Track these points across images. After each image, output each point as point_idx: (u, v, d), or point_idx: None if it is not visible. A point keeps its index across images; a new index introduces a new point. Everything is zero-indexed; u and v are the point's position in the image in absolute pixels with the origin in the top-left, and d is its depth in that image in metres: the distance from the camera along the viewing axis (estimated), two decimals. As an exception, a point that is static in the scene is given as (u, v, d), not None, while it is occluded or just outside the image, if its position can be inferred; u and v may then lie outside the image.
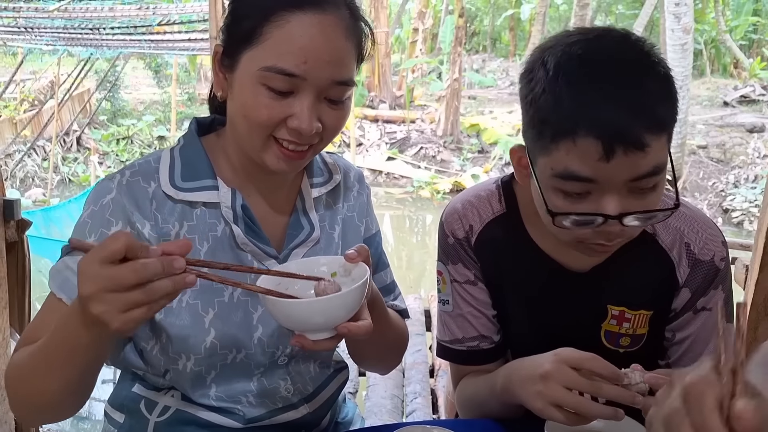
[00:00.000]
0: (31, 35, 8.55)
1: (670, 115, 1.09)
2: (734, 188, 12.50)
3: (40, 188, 13.06)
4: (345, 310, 1.05)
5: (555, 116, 1.08)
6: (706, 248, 1.31)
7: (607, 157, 1.05)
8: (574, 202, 1.13)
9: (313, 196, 1.35)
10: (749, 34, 24.92)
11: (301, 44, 1.09)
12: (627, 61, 1.08)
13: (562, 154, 1.08)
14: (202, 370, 1.23)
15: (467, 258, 1.41)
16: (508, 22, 27.76)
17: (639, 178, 1.08)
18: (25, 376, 1.07)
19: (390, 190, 14.27)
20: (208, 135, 1.31)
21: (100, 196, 1.19)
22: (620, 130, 1.04)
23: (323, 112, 1.15)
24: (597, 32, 1.13)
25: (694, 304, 1.33)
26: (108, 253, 0.86)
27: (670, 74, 1.11)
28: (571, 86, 1.06)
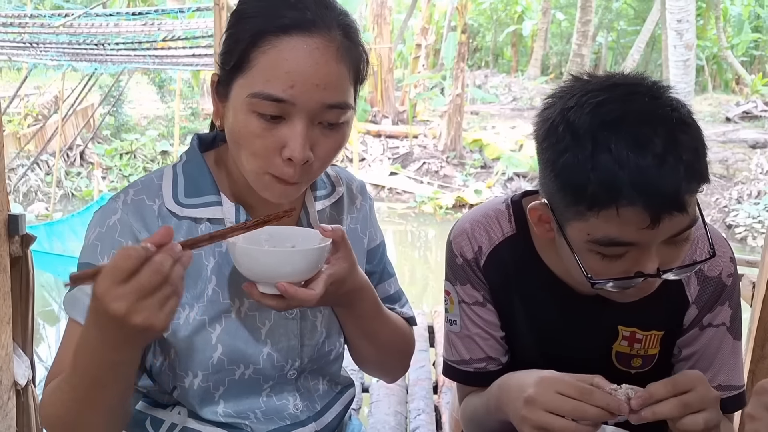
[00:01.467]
0: (36, 50, 8.58)
1: (706, 167, 1.08)
2: (737, 204, 12.51)
3: (42, 203, 13.09)
4: (291, 267, 1.08)
5: (594, 186, 1.04)
6: (715, 264, 1.30)
7: (654, 224, 1.04)
8: (610, 261, 1.11)
9: (317, 209, 1.34)
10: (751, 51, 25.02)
11: (287, 68, 1.07)
12: (662, 119, 1.05)
13: (602, 222, 1.06)
14: (210, 386, 1.22)
15: (476, 279, 1.40)
16: (510, 38, 27.88)
17: (677, 234, 1.08)
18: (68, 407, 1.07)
19: (392, 206, 14.28)
20: (210, 151, 1.31)
21: (106, 217, 1.19)
22: (667, 197, 1.02)
23: (316, 140, 1.13)
24: (623, 89, 1.09)
25: (701, 321, 1.32)
26: (125, 274, 0.90)
27: (696, 121, 1.09)
28: (609, 154, 1.02)
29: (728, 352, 1.33)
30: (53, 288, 8.26)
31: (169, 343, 1.20)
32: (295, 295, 1.08)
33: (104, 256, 1.16)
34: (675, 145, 1.02)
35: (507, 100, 22.12)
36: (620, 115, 1.04)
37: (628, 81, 1.12)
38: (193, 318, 1.20)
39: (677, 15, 11.82)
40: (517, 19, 27.07)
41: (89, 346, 0.99)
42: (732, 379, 1.33)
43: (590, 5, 16.10)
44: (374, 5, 17.75)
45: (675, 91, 1.11)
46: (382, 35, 17.69)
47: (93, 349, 0.98)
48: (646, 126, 1.03)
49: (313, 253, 1.10)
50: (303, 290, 1.09)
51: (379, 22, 17.71)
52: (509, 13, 27.58)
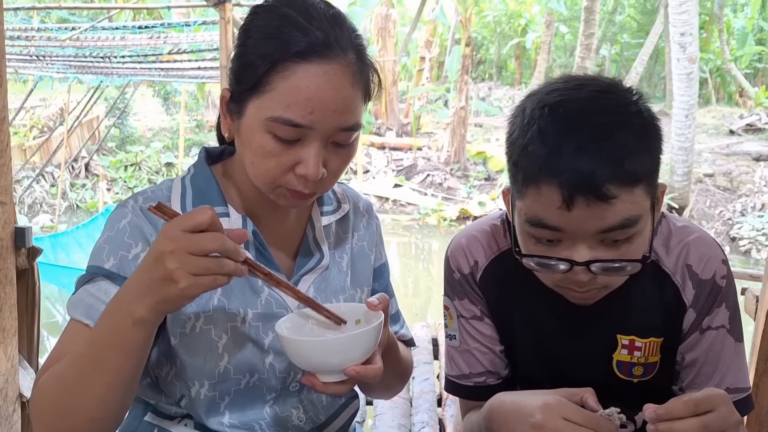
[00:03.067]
0: (43, 63, 8.62)
1: (643, 167, 1.10)
2: (741, 216, 12.49)
3: (47, 214, 13.14)
4: (356, 352, 1.07)
5: (525, 162, 1.12)
6: (708, 267, 1.29)
7: (568, 206, 1.07)
8: (544, 247, 1.16)
9: (323, 224, 1.36)
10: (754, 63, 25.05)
11: (307, 95, 1.09)
12: (600, 111, 1.09)
13: (531, 200, 1.12)
14: (216, 396, 1.23)
15: (473, 294, 1.41)
16: (513, 51, 27.97)
17: (608, 230, 1.10)
18: (68, 387, 1.05)
19: (396, 217, 14.30)
20: (217, 164, 1.32)
21: (116, 222, 1.20)
22: (581, 179, 1.05)
23: (328, 158, 1.16)
24: (580, 81, 1.16)
25: (700, 324, 1.31)
26: (194, 223, 0.95)
27: (653, 125, 1.13)
28: (540, 134, 1.10)
29: (732, 354, 1.31)
30: (57, 299, 8.26)
31: (176, 351, 1.21)
32: (365, 376, 1.08)
33: (110, 257, 1.17)
34: (604, 135, 1.07)
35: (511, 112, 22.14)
36: (562, 101, 1.11)
37: (589, 78, 1.18)
38: (199, 328, 1.20)
39: (680, 28, 11.85)
40: (520, 31, 27.17)
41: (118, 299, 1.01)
42: (738, 381, 1.31)
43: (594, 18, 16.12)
44: (378, 19, 17.83)
45: (645, 99, 1.15)
46: (386, 48, 17.76)
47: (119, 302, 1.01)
48: (582, 114, 1.09)
49: (375, 330, 1.09)
50: (370, 368, 1.09)
51: (383, 35, 17.79)
52: (513, 26, 27.69)
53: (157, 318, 1.01)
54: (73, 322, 1.15)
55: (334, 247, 1.38)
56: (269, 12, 1.15)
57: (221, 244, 0.96)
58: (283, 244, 1.32)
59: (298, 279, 1.30)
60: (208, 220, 0.95)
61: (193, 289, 0.95)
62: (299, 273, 1.30)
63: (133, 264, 1.16)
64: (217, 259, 0.96)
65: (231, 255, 0.97)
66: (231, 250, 0.97)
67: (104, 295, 1.13)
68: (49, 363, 1.12)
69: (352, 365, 1.07)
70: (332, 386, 1.09)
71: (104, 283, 1.15)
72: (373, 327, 1.08)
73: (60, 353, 1.12)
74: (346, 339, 1.07)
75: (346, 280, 1.37)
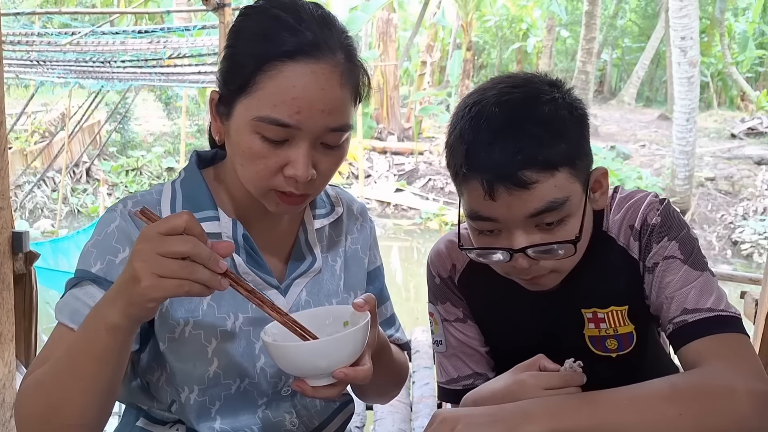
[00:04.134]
0: (43, 68, 8.64)
1: (558, 152, 1.14)
2: (743, 220, 12.49)
3: (49, 219, 13.15)
4: (344, 354, 1.06)
5: (452, 161, 1.21)
6: (641, 216, 1.29)
7: (491, 195, 1.13)
8: (487, 238, 1.22)
9: (316, 227, 1.35)
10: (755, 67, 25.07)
11: (294, 95, 1.08)
12: (514, 105, 1.15)
13: (466, 195, 1.20)
14: (206, 401, 1.22)
15: (454, 296, 1.43)
16: (515, 55, 27.97)
17: (536, 214, 1.15)
18: (46, 392, 1.05)
19: (398, 222, 14.30)
20: (208, 168, 1.31)
21: (104, 226, 1.19)
22: (496, 170, 1.12)
23: (318, 159, 1.15)
24: (498, 80, 1.23)
25: (647, 266, 1.28)
26: (169, 226, 0.94)
27: (567, 112, 1.17)
28: (461, 133, 1.18)
29: (685, 280, 1.22)
30: (58, 304, 8.24)
31: (166, 356, 1.20)
32: (355, 378, 1.08)
33: (97, 262, 1.16)
34: (516, 127, 1.14)
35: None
36: (479, 99, 1.18)
37: (511, 75, 1.26)
38: (189, 332, 1.20)
39: (681, 32, 11.86)
40: (522, 36, 27.18)
41: (96, 305, 1.02)
42: (694, 301, 1.20)
43: (594, 22, 16.14)
44: (380, 23, 17.85)
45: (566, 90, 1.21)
46: (387, 53, 17.77)
47: (96, 308, 1.01)
48: (495, 109, 1.15)
49: (362, 331, 1.08)
50: (359, 369, 1.09)
51: (384, 40, 17.80)
52: (514, 30, 27.70)
53: (129, 324, 0.99)
54: (59, 325, 1.15)
55: (327, 250, 1.37)
56: (259, 13, 1.15)
57: (192, 248, 0.93)
58: (275, 247, 1.31)
59: (290, 283, 1.29)
60: (183, 224, 0.94)
61: (154, 290, 0.93)
62: (291, 277, 1.29)
63: (119, 268, 1.13)
64: (187, 264, 0.93)
65: (205, 262, 0.95)
66: (204, 257, 0.94)
67: (90, 300, 1.12)
68: (34, 367, 1.11)
69: (340, 367, 1.06)
70: (322, 390, 1.08)
71: (91, 287, 1.14)
72: (359, 328, 1.07)
73: (45, 357, 1.12)
74: (332, 341, 1.06)
75: (340, 284, 1.37)
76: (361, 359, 1.11)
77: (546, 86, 1.20)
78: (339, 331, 1.13)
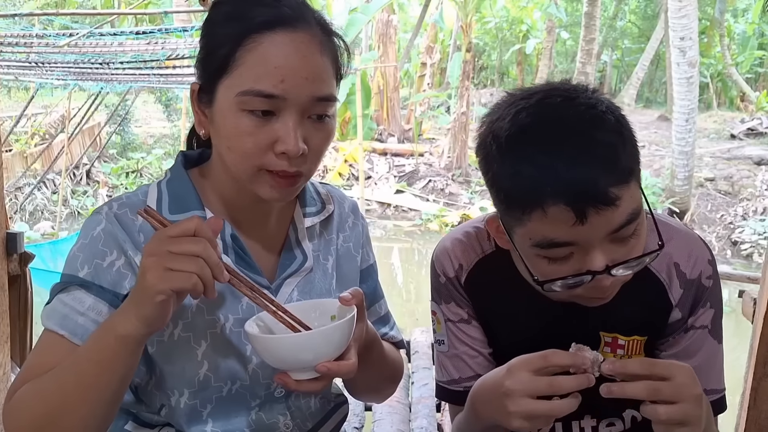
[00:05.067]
0: (42, 70, 8.62)
1: (632, 160, 1.10)
2: (743, 221, 12.48)
3: (49, 221, 13.13)
4: (328, 348, 1.05)
5: (519, 192, 1.10)
6: (695, 267, 1.29)
7: (581, 220, 1.05)
8: (559, 264, 1.13)
9: (306, 225, 1.33)
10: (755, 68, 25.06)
11: (276, 64, 1.08)
12: (574, 119, 1.08)
13: (536, 224, 1.09)
14: (197, 404, 1.20)
15: (459, 297, 1.40)
16: (515, 57, 27.96)
17: (617, 230, 1.08)
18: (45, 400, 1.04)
19: (398, 223, 14.30)
20: (195, 168, 1.29)
21: (90, 229, 1.17)
22: (587, 192, 1.04)
23: (308, 133, 1.13)
24: (540, 95, 1.13)
25: (685, 324, 1.31)
26: (180, 229, 0.97)
27: (622, 118, 1.12)
28: (526, 159, 1.08)
29: (710, 355, 1.31)
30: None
31: (154, 360, 1.19)
32: (338, 372, 1.07)
33: (84, 266, 1.14)
34: (588, 141, 1.06)
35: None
36: (535, 120, 1.09)
37: (545, 88, 1.16)
38: (177, 335, 1.18)
39: (680, 33, 11.85)
40: (522, 37, 27.17)
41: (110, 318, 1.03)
42: (713, 382, 1.31)
43: (594, 24, 16.14)
44: (380, 24, 17.84)
45: (600, 93, 1.14)
46: (387, 54, 17.77)
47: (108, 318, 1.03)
48: (559, 127, 1.08)
49: (347, 325, 1.07)
50: (343, 364, 1.08)
51: (384, 41, 17.80)
52: (514, 32, 27.69)
53: (139, 331, 0.99)
54: (47, 332, 1.13)
55: (318, 249, 1.35)
56: None
57: (203, 249, 0.96)
58: (265, 246, 1.29)
59: (281, 282, 1.27)
60: (194, 227, 0.96)
61: (161, 282, 0.95)
62: (282, 276, 1.27)
63: (108, 272, 1.14)
64: (197, 260, 0.95)
65: (212, 267, 0.98)
66: (213, 261, 0.97)
67: (79, 305, 1.11)
68: (25, 375, 1.10)
69: (324, 361, 1.05)
70: (305, 384, 1.07)
71: (79, 292, 1.13)
72: (344, 322, 1.06)
73: (34, 365, 1.10)
74: (317, 334, 1.05)
75: (332, 283, 1.35)
76: (346, 354, 1.10)
77: (588, 92, 1.13)
78: (326, 325, 1.12)
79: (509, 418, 1.13)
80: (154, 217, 1.04)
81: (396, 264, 12.43)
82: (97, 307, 1.12)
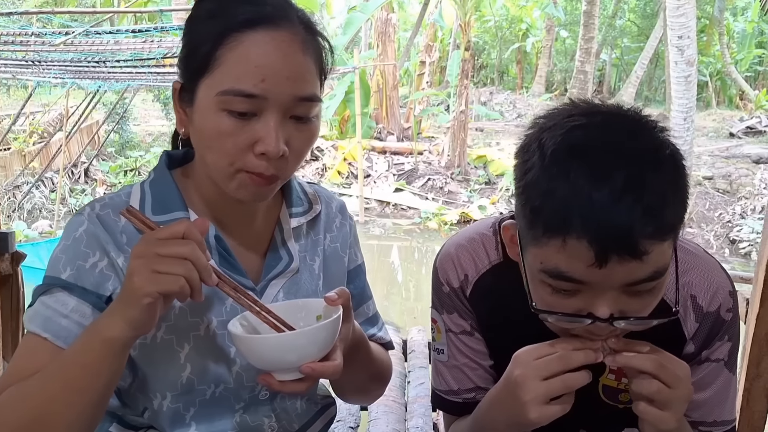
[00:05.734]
0: (39, 69, 8.62)
1: (677, 217, 0.99)
2: (741, 219, 12.49)
3: (47, 220, 13.12)
4: (313, 349, 1.04)
5: (547, 210, 0.99)
6: (714, 300, 1.22)
7: (600, 264, 0.96)
8: (562, 297, 1.05)
9: (292, 225, 1.30)
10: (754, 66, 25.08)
11: (256, 63, 1.06)
12: (634, 155, 0.97)
13: (553, 251, 1.00)
14: (180, 407, 1.19)
15: (462, 308, 1.35)
16: (515, 55, 27.98)
17: (635, 284, 1.00)
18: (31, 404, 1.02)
19: (398, 222, 14.31)
20: (178, 168, 1.27)
21: (72, 231, 1.16)
22: (616, 237, 0.94)
23: (290, 134, 1.11)
24: (604, 116, 1.03)
25: (698, 356, 1.26)
26: (169, 232, 0.97)
27: (683, 166, 1.01)
28: (566, 180, 0.96)
29: (724, 387, 1.27)
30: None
31: (137, 363, 1.17)
32: (323, 373, 1.06)
33: (66, 267, 1.13)
34: (638, 183, 0.95)
35: (512, 116, 22.21)
36: (589, 143, 0.99)
37: (613, 110, 1.05)
38: (160, 338, 1.16)
39: (678, 31, 11.83)
40: (521, 36, 27.19)
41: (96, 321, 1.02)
42: (724, 413, 1.28)
43: (593, 22, 16.14)
44: (379, 23, 17.83)
45: (669, 132, 1.04)
46: (386, 52, 17.76)
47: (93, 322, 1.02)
48: (612, 158, 0.96)
49: (332, 326, 1.05)
50: (328, 364, 1.06)
51: (383, 40, 17.78)
52: (514, 30, 27.72)
53: (126, 334, 0.99)
54: (30, 335, 1.11)
55: (305, 249, 1.33)
56: None
57: (191, 252, 0.96)
58: (250, 247, 1.27)
59: (266, 284, 1.25)
60: (183, 229, 0.96)
61: (149, 284, 0.94)
62: (267, 278, 1.25)
63: (91, 273, 1.12)
64: (185, 263, 0.95)
65: (201, 270, 0.97)
66: (202, 265, 0.97)
67: (62, 307, 1.10)
68: (8, 379, 1.08)
69: (308, 362, 1.04)
70: (290, 385, 1.06)
71: (61, 294, 1.11)
72: (329, 322, 1.04)
73: (17, 369, 1.09)
74: (301, 335, 1.04)
75: (319, 284, 1.33)
76: (331, 354, 1.08)
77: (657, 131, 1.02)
78: (311, 325, 1.10)
79: (526, 409, 1.07)
80: (136, 217, 1.03)
81: (396, 262, 12.43)
82: (81, 308, 1.11)
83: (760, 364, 2.16)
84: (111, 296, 1.13)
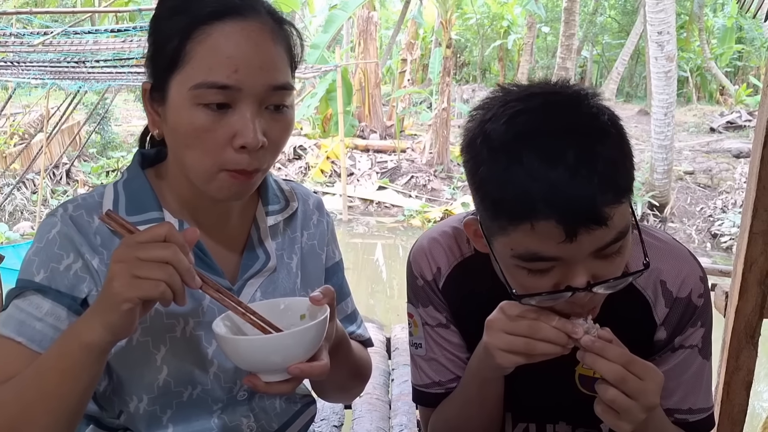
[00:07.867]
0: (18, 69, 8.52)
1: (629, 178, 1.03)
2: (722, 213, 12.59)
3: (28, 222, 13.00)
4: (300, 350, 1.03)
5: (508, 199, 1.01)
6: (684, 285, 1.24)
7: (570, 238, 0.98)
8: (539, 277, 1.06)
9: (269, 224, 1.29)
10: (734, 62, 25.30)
11: (228, 53, 1.05)
12: (579, 130, 1.00)
13: (521, 235, 1.02)
14: (157, 410, 1.18)
15: (437, 301, 1.36)
16: (497, 52, 28.01)
17: (604, 248, 1.02)
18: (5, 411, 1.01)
19: (381, 220, 14.29)
20: (152, 167, 1.26)
21: (45, 233, 1.14)
22: (581, 210, 0.97)
23: (266, 125, 1.09)
24: (540, 98, 1.04)
25: (671, 343, 1.27)
26: (150, 235, 0.95)
27: (621, 126, 1.05)
28: (521, 168, 0.98)
29: (698, 373, 1.28)
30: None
31: (112, 366, 1.16)
32: (311, 374, 1.05)
33: (40, 270, 1.11)
34: (590, 156, 0.97)
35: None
36: (534, 127, 1.00)
37: (547, 90, 1.07)
38: (136, 340, 1.15)
39: (657, 27, 11.92)
40: (503, 33, 27.22)
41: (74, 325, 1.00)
42: (701, 401, 1.29)
43: (574, 19, 16.17)
44: (360, 21, 17.81)
45: (601, 98, 1.07)
46: (368, 50, 17.74)
47: (71, 326, 1.00)
48: (561, 137, 0.99)
49: (319, 326, 1.05)
50: (315, 365, 1.05)
51: (365, 38, 17.76)
52: (495, 27, 27.73)
53: (104, 339, 0.97)
54: (3, 340, 1.09)
55: (282, 247, 1.32)
56: None
57: (173, 255, 0.94)
58: (226, 247, 1.26)
59: (243, 284, 1.24)
60: (164, 232, 0.95)
61: (129, 289, 0.92)
62: (244, 277, 1.24)
63: (65, 276, 1.11)
64: (166, 267, 0.93)
65: (183, 273, 0.95)
66: (183, 268, 0.95)
67: (36, 310, 1.09)
68: None
69: (295, 363, 1.03)
70: (275, 386, 1.05)
71: (35, 297, 1.10)
72: (317, 323, 1.04)
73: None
74: (288, 336, 1.02)
75: (296, 282, 1.32)
76: (318, 354, 1.07)
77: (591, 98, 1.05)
78: (295, 324, 1.09)
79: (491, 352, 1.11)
80: (116, 221, 1.01)
81: (380, 260, 12.42)
82: (56, 311, 1.09)
83: (739, 357, 2.17)
84: (86, 298, 1.12)
